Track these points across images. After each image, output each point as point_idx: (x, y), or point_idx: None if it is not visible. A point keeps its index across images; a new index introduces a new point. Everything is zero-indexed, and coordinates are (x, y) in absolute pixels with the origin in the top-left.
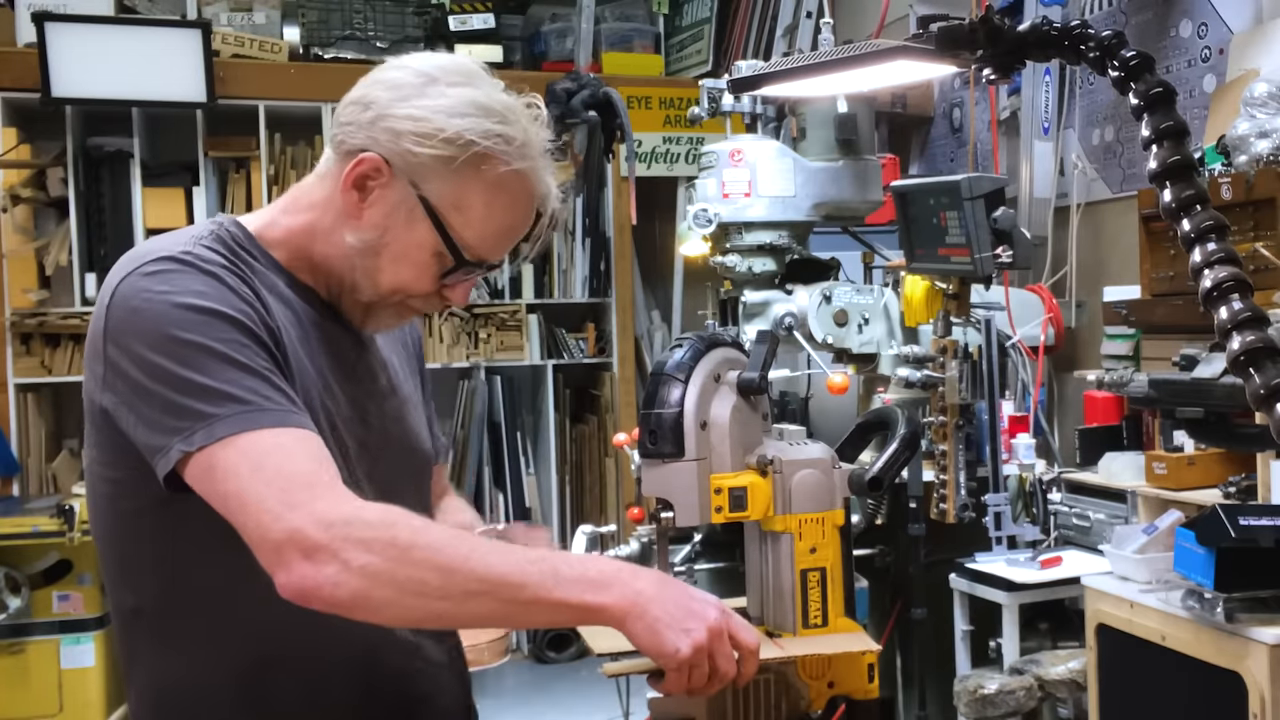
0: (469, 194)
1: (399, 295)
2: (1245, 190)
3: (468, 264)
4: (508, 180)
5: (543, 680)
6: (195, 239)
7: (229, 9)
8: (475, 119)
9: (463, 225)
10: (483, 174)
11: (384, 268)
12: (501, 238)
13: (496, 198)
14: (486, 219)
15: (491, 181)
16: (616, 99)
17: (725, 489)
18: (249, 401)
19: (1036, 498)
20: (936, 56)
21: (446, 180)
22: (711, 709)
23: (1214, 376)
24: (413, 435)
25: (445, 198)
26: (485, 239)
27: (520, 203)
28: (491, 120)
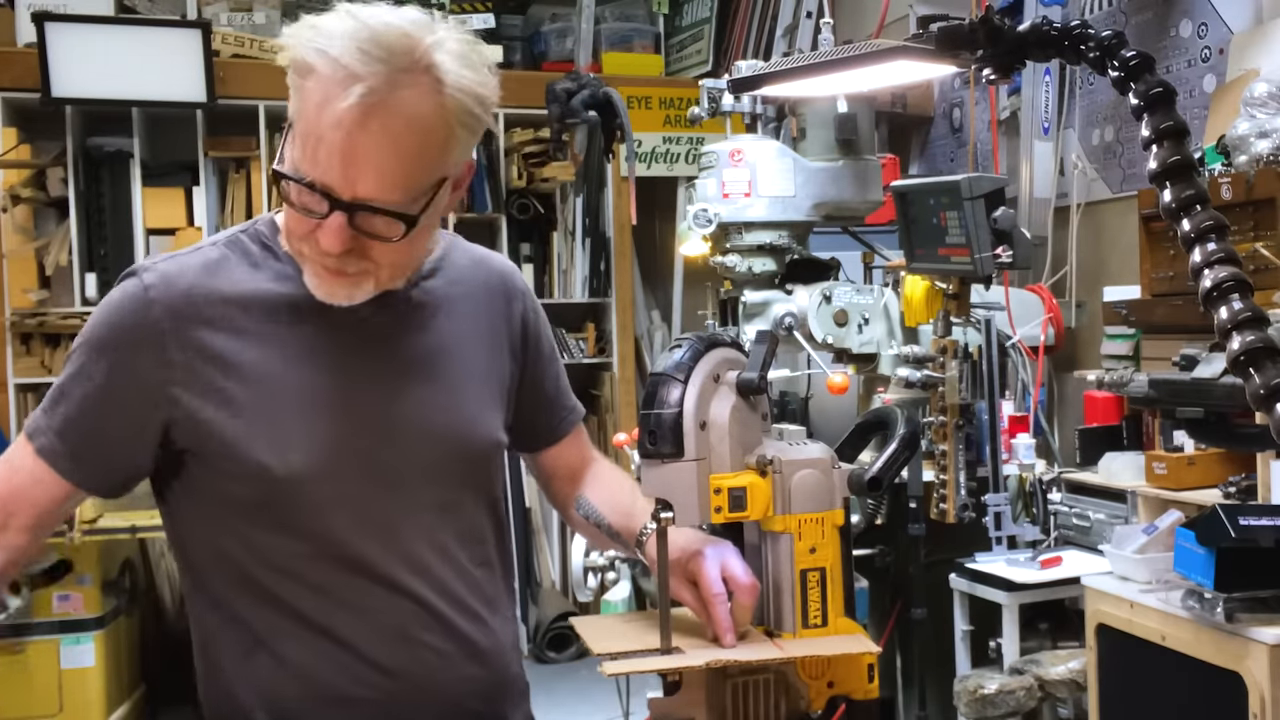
0: (297, 100)
1: (293, 242)
2: (1245, 190)
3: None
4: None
5: (543, 680)
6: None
7: (229, 9)
8: (308, 28)
9: (291, 137)
10: (305, 77)
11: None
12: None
13: (307, 98)
14: (300, 124)
15: (308, 84)
16: (616, 99)
17: (725, 489)
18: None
19: (1036, 498)
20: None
21: (293, 93)
22: (711, 709)
23: (1214, 376)
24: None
25: (291, 112)
26: (302, 148)
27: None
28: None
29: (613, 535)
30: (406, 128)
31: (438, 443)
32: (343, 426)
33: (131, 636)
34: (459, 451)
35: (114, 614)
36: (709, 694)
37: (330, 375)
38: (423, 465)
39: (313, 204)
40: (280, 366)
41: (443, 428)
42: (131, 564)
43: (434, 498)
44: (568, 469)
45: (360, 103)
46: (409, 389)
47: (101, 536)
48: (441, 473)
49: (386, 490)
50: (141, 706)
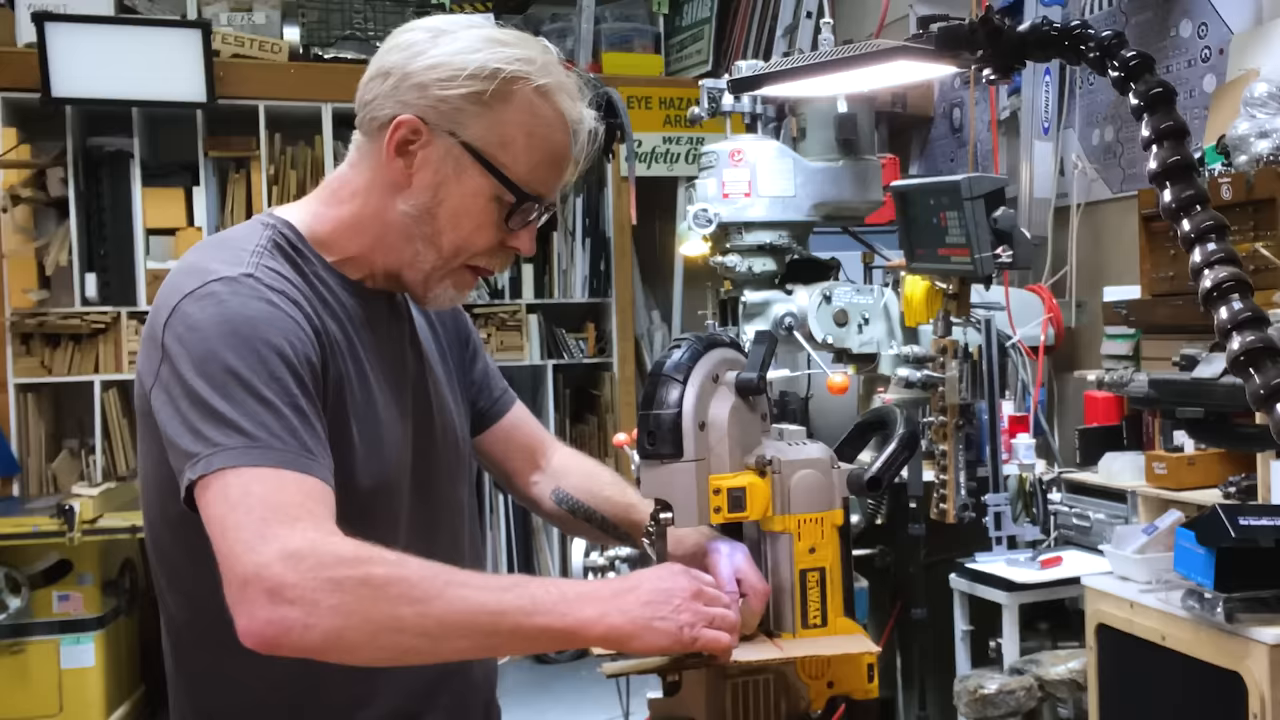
0: (507, 126)
1: (462, 256)
2: (1245, 190)
3: (527, 198)
4: (539, 102)
5: (543, 680)
6: (257, 252)
7: (229, 9)
8: (492, 49)
9: (511, 160)
10: (514, 101)
11: (444, 229)
12: (549, 166)
13: (534, 122)
14: (530, 147)
15: (524, 106)
16: (616, 99)
17: (724, 489)
18: (256, 438)
19: (1036, 498)
20: (936, 56)
21: (482, 118)
22: (711, 709)
23: (1214, 376)
24: (452, 425)
25: (487, 137)
26: (535, 169)
27: (557, 124)
28: (508, 48)
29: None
30: None
31: (453, 444)
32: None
33: (131, 637)
34: (464, 450)
35: (114, 614)
36: (709, 694)
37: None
38: (447, 467)
39: (530, 216)
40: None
41: (453, 429)
42: (131, 564)
43: (454, 498)
44: (522, 446)
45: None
46: (427, 393)
47: (101, 536)
48: (456, 473)
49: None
50: (141, 706)
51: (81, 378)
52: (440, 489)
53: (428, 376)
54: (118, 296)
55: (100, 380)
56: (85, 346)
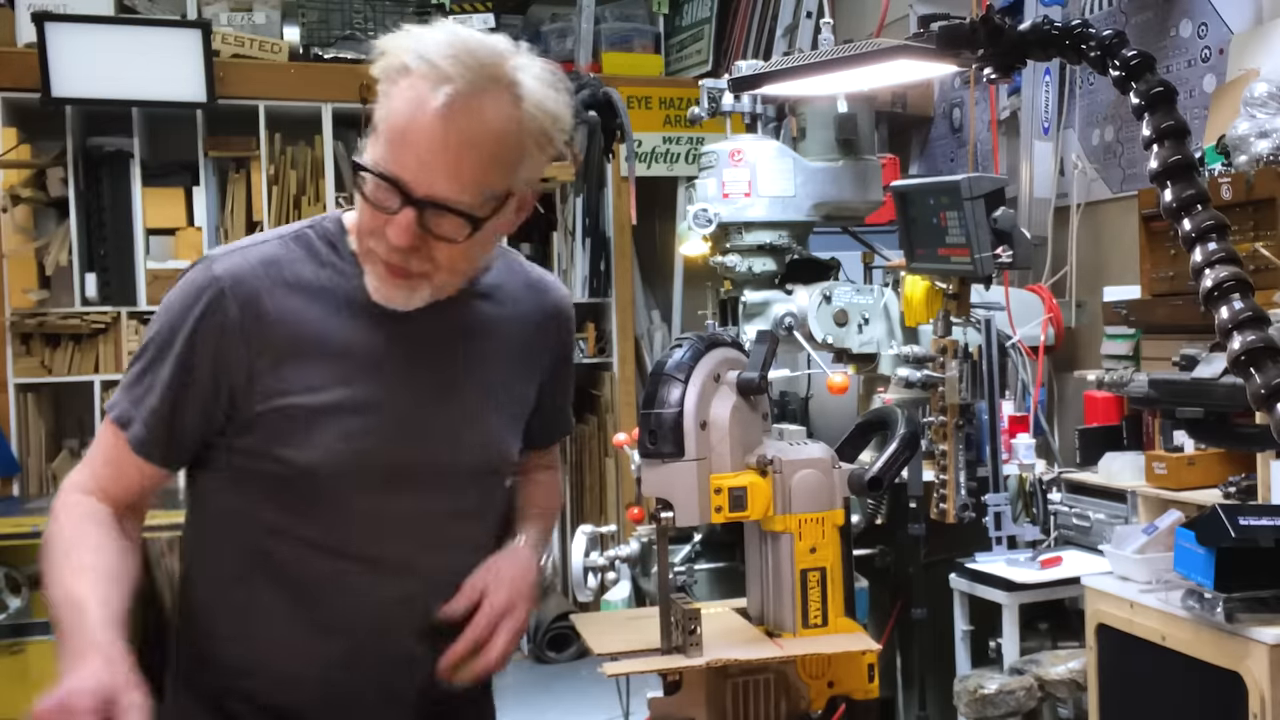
0: (388, 99)
1: (362, 238)
2: (1245, 190)
3: (364, 168)
4: (412, 82)
5: (543, 680)
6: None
7: (229, 9)
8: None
9: (376, 136)
10: (396, 82)
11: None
12: (399, 142)
13: (398, 95)
14: (386, 120)
15: (401, 83)
16: (616, 99)
17: (725, 489)
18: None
19: (1036, 498)
20: (937, 56)
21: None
22: (711, 709)
23: (1214, 376)
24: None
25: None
26: (384, 142)
27: (420, 104)
28: (419, 35)
29: None
30: (485, 132)
31: (462, 454)
32: (376, 426)
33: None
34: (480, 465)
35: None
36: (709, 694)
37: (374, 377)
38: (444, 473)
39: (387, 199)
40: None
41: (469, 441)
42: None
43: (449, 506)
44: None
45: (447, 101)
46: (446, 400)
47: None
48: (460, 483)
49: (407, 494)
50: None
51: (81, 378)
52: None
53: (460, 380)
54: (118, 296)
55: (100, 380)
56: (85, 346)
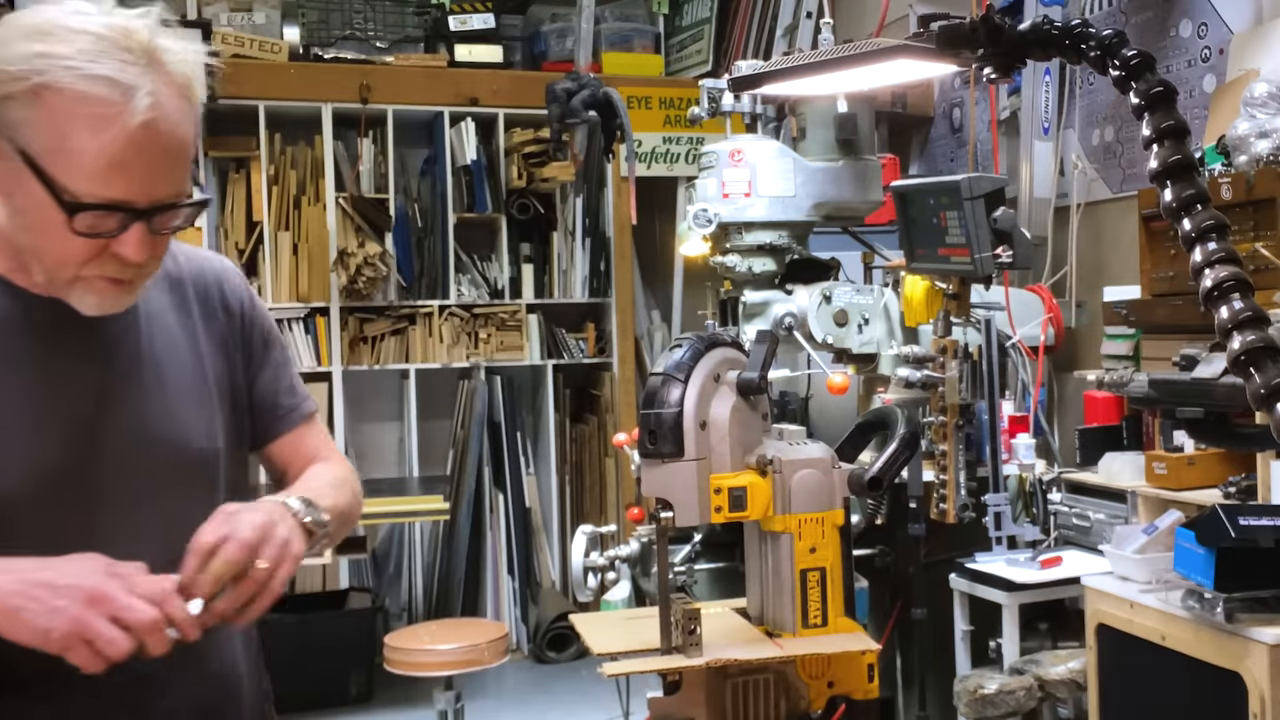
0: (43, 128)
1: (68, 268)
2: (1245, 190)
3: (84, 206)
4: (63, 99)
5: (543, 680)
6: None
7: (229, 9)
8: (16, 46)
9: (57, 166)
10: (41, 101)
11: (36, 239)
12: (103, 168)
13: (65, 122)
14: (69, 150)
15: (50, 107)
16: (616, 99)
17: (725, 489)
18: None
19: (1036, 498)
20: (937, 56)
21: (25, 124)
22: (711, 709)
23: (1214, 376)
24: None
25: (34, 143)
26: (85, 174)
27: (94, 121)
28: (32, 41)
29: None
30: (180, 118)
31: (156, 455)
32: (55, 446)
33: None
34: (178, 461)
35: None
36: (709, 694)
37: (39, 393)
38: (141, 480)
39: (106, 224)
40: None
41: (160, 438)
42: None
43: (157, 514)
44: (303, 463)
45: (148, 112)
46: (122, 400)
47: None
48: (162, 486)
49: (106, 510)
50: None
51: None
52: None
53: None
54: None
55: None
56: None
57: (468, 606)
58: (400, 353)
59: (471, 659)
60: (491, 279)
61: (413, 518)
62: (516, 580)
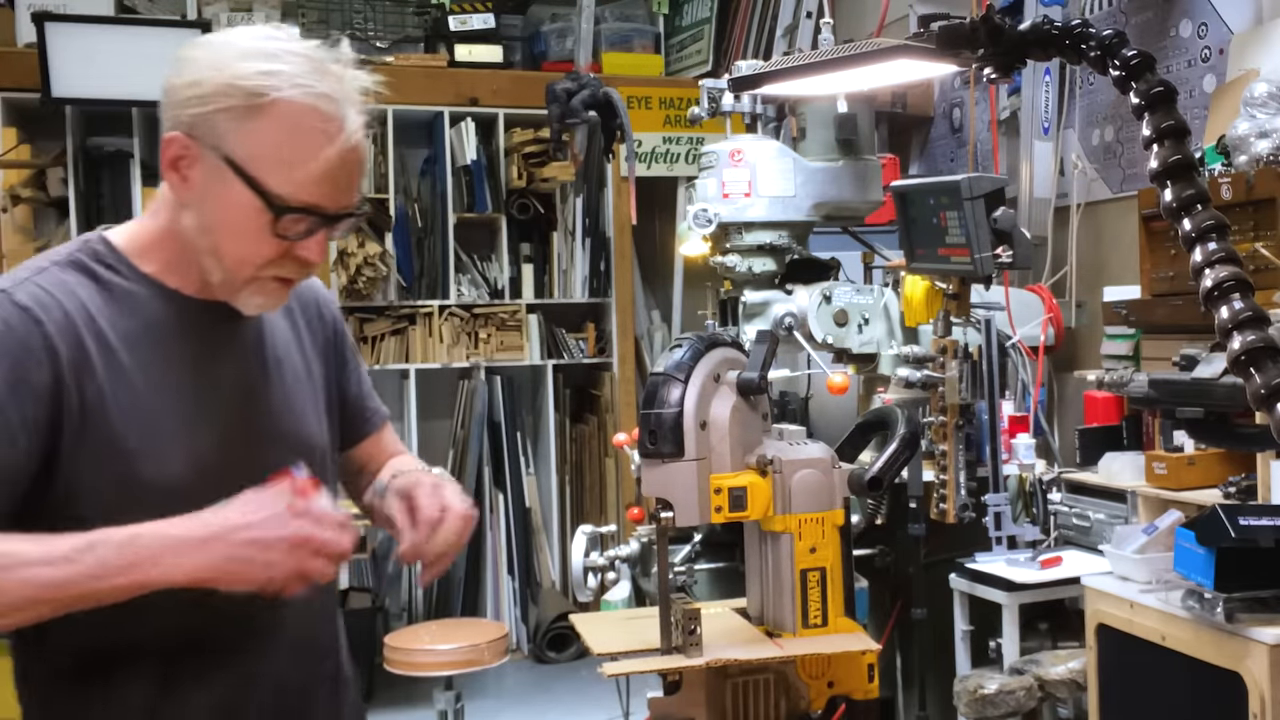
0: (261, 138)
1: (247, 268)
2: (1245, 190)
3: (291, 210)
4: (290, 113)
5: (543, 680)
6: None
7: (229, 9)
8: (238, 64)
9: (268, 172)
10: (264, 114)
11: (222, 243)
12: (314, 175)
13: (287, 134)
14: (287, 158)
15: (276, 119)
16: (616, 99)
17: (725, 489)
18: None
19: (1036, 498)
20: (937, 56)
21: (238, 133)
22: (711, 709)
23: (1214, 376)
24: (295, 433)
25: (244, 150)
26: (297, 181)
27: (315, 133)
28: (256, 60)
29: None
30: (364, 137)
31: (287, 449)
32: (209, 440)
33: None
34: (312, 454)
35: None
36: (709, 694)
37: (194, 390)
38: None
39: (299, 227)
40: (147, 383)
41: (290, 434)
42: None
43: None
44: (377, 463)
45: (358, 130)
46: (260, 398)
47: None
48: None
49: None
50: None
51: None
52: None
53: (273, 385)
54: None
55: None
56: None
57: (468, 606)
58: (400, 353)
59: (471, 659)
60: (491, 279)
61: None
62: (516, 580)
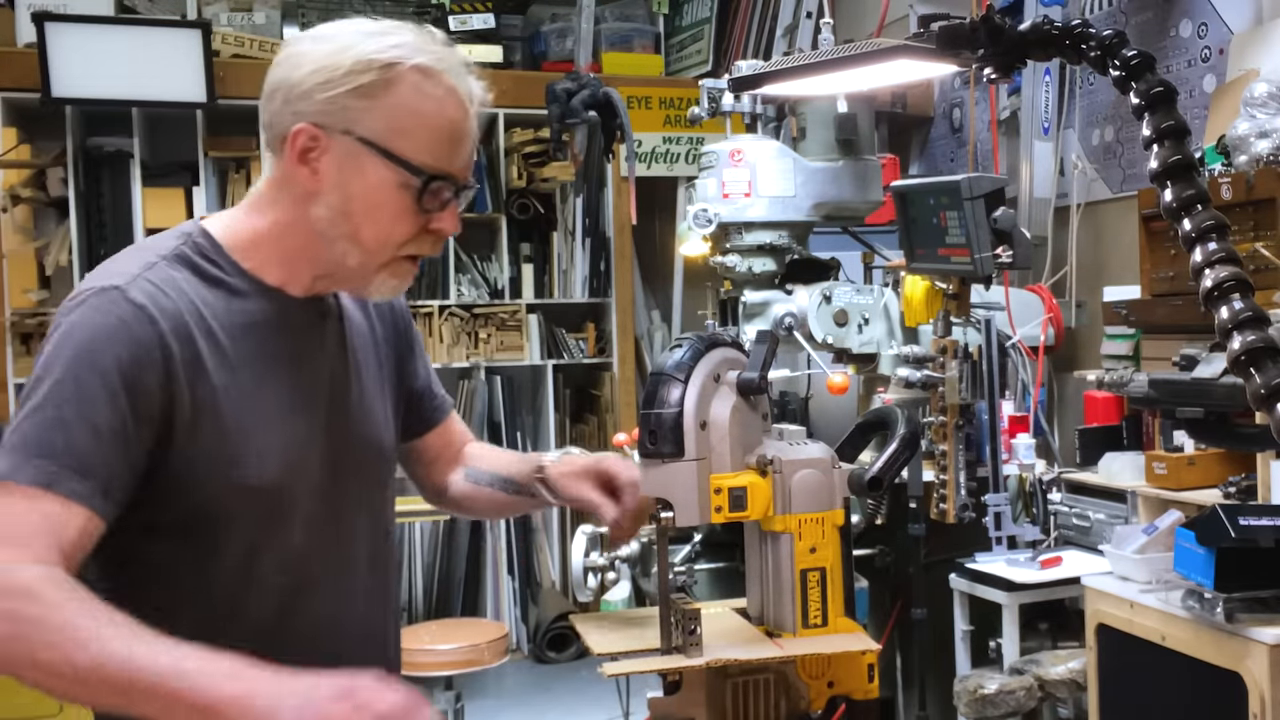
0: (397, 112)
1: (388, 248)
2: (1245, 190)
3: (434, 178)
4: (422, 82)
5: (543, 680)
6: (153, 264)
7: (229, 9)
8: (362, 43)
9: (409, 145)
10: (398, 86)
11: (362, 224)
12: (448, 142)
13: (422, 102)
14: (424, 127)
15: (409, 89)
16: (616, 99)
17: (725, 489)
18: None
19: (1036, 498)
20: (937, 56)
21: (370, 111)
22: (711, 709)
23: (1214, 376)
24: (374, 432)
25: (380, 127)
26: (434, 148)
27: (447, 99)
28: (377, 38)
29: (507, 483)
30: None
31: (367, 446)
32: (305, 435)
33: None
34: (381, 453)
35: None
36: (709, 694)
37: (294, 386)
38: (357, 468)
39: (444, 195)
40: (252, 382)
41: (370, 431)
42: None
43: (367, 501)
44: (452, 450)
45: (473, 96)
46: (342, 398)
47: None
48: (370, 475)
49: (333, 496)
50: None
51: None
52: (349, 493)
53: (353, 383)
54: None
55: None
56: None
57: (468, 606)
58: None
59: (471, 659)
60: (491, 279)
61: (413, 518)
62: (516, 580)
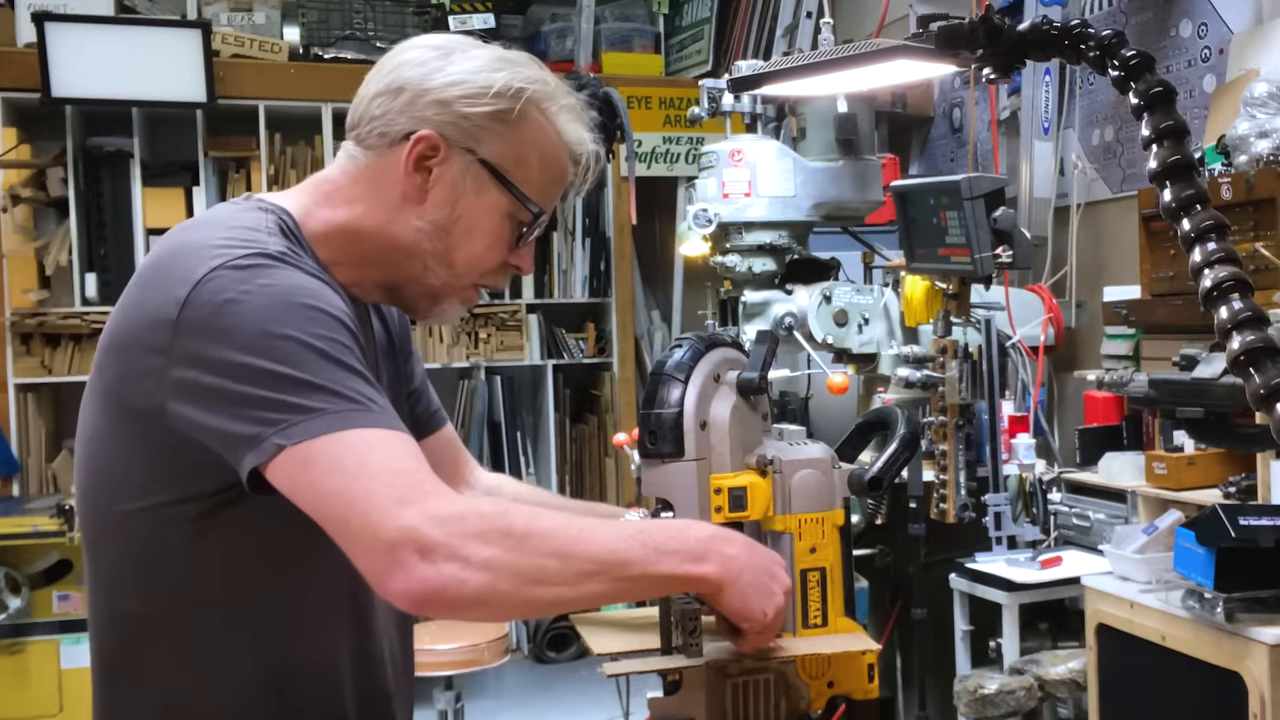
0: (523, 144)
1: (472, 274)
2: (1245, 190)
3: (540, 214)
4: (549, 124)
5: (543, 680)
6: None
7: (229, 9)
8: (512, 69)
9: (525, 178)
10: (531, 121)
11: (457, 245)
12: (555, 183)
13: (545, 142)
14: (541, 166)
15: (539, 126)
16: (616, 99)
17: (725, 489)
18: (352, 399)
19: (1036, 498)
20: (936, 56)
21: (502, 137)
22: (711, 709)
23: (1214, 376)
24: None
25: (505, 155)
26: (544, 187)
27: (562, 145)
28: (524, 68)
29: None
30: None
31: None
32: None
33: None
34: None
35: None
36: (709, 694)
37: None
38: None
39: (536, 233)
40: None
41: None
42: None
43: None
44: (451, 461)
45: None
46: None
47: None
48: None
49: None
50: None
51: (81, 378)
52: None
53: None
54: (118, 296)
55: None
56: (85, 346)
57: None
58: None
59: (471, 659)
60: None
61: None
62: None
